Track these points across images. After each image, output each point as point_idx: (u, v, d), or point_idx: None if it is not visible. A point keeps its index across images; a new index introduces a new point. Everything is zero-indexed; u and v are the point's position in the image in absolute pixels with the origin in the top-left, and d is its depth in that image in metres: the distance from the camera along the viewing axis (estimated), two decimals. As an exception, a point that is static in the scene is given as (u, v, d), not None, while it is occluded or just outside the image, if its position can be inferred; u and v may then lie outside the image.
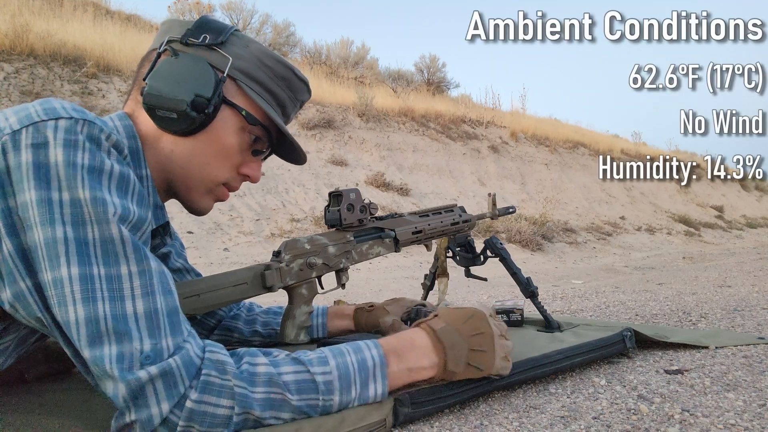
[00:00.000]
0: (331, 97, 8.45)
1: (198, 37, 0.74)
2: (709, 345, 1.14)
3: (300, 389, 0.64)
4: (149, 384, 0.56)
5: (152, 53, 0.76)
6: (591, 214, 8.89)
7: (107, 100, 5.79)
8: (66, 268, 0.56)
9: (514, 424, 0.74)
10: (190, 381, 0.58)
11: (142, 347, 0.57)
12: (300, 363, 0.66)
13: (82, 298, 0.56)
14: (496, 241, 1.25)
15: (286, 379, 0.63)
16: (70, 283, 0.56)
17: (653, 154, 12.60)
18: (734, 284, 2.54)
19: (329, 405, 0.66)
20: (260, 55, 0.78)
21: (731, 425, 0.71)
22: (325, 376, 0.66)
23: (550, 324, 1.18)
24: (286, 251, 0.92)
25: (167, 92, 0.70)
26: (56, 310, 0.57)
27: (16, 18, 5.70)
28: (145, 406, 0.57)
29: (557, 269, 4.77)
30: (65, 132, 0.58)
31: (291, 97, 0.83)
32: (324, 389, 0.65)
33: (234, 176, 0.81)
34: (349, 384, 0.67)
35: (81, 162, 0.58)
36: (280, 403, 0.63)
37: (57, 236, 0.56)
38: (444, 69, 12.72)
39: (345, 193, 0.98)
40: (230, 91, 0.76)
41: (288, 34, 11.27)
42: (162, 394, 0.57)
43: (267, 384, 0.62)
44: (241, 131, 0.77)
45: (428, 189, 7.62)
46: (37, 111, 0.59)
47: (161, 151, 0.75)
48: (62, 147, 0.57)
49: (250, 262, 4.14)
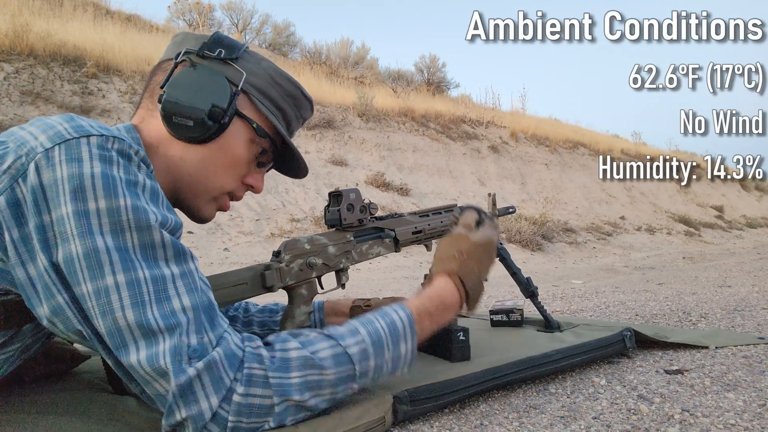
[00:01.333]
0: (331, 97, 8.45)
1: (213, 51, 0.77)
2: (709, 345, 1.14)
3: (337, 363, 0.66)
4: (197, 379, 0.58)
5: (166, 63, 0.79)
6: (591, 214, 8.89)
7: (107, 100, 5.79)
8: (111, 276, 0.57)
9: (514, 424, 0.74)
10: (234, 374, 0.60)
11: (189, 341, 0.59)
12: (332, 338, 0.68)
13: (131, 303, 0.57)
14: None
15: (321, 356, 0.65)
16: (117, 291, 0.57)
17: (653, 154, 12.60)
18: (734, 284, 2.54)
19: (365, 371, 0.68)
20: (272, 73, 0.82)
21: (731, 425, 0.71)
22: (358, 346, 0.68)
23: (550, 324, 1.18)
24: (286, 251, 0.92)
25: (185, 101, 0.73)
26: (99, 320, 0.58)
27: (16, 18, 5.70)
28: (194, 402, 0.58)
29: (557, 269, 4.77)
30: (98, 148, 0.60)
31: (297, 115, 0.87)
32: (359, 358, 0.68)
33: (239, 186, 0.83)
34: (381, 347, 0.70)
35: (117, 175, 0.60)
36: (317, 382, 0.64)
37: (98, 246, 0.57)
38: (444, 69, 12.75)
39: (345, 193, 0.98)
40: (242, 104, 0.79)
41: (288, 34, 11.28)
42: (209, 388, 0.58)
43: (302, 367, 0.64)
44: (251, 143, 0.80)
45: (428, 189, 7.62)
46: (66, 129, 0.61)
47: (171, 158, 0.77)
48: (98, 161, 0.59)
49: (250, 262, 4.14)
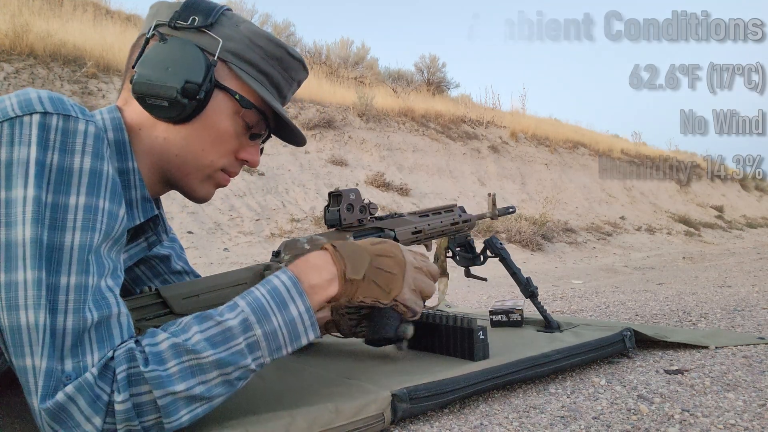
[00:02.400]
0: (331, 97, 8.45)
1: (186, 20, 0.71)
2: (709, 345, 1.14)
3: (214, 343, 0.60)
4: (70, 404, 0.54)
5: (141, 39, 0.74)
6: (591, 214, 8.89)
7: (107, 100, 5.79)
8: (21, 271, 0.54)
9: (514, 424, 0.73)
10: (110, 385, 0.55)
11: (64, 367, 0.55)
12: (207, 318, 0.62)
13: (30, 305, 0.54)
14: (496, 241, 1.25)
15: (194, 340, 0.59)
16: (25, 288, 0.54)
17: (653, 154, 12.60)
18: (734, 284, 2.54)
19: (253, 341, 0.62)
20: (251, 35, 0.75)
21: (731, 425, 0.71)
22: (237, 318, 0.62)
23: (549, 324, 1.18)
24: (286, 251, 0.92)
25: (156, 79, 0.68)
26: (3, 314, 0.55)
27: (16, 18, 5.70)
28: (76, 426, 0.54)
29: (557, 269, 4.77)
30: (39, 128, 0.57)
31: (286, 77, 0.80)
32: (241, 329, 0.62)
33: (232, 161, 0.79)
34: (266, 313, 0.64)
35: (50, 161, 0.57)
36: (198, 367, 0.59)
37: (21, 238, 0.55)
38: (444, 69, 12.73)
39: (345, 193, 0.98)
40: (222, 74, 0.73)
41: (288, 34, 11.27)
42: (88, 410, 0.54)
43: (175, 356, 0.58)
44: (236, 115, 0.76)
45: (428, 189, 7.62)
46: (12, 105, 0.58)
47: (155, 139, 0.73)
48: (35, 145, 0.56)
49: (250, 262, 4.14)
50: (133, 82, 0.69)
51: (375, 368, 0.88)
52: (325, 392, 0.75)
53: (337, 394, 0.73)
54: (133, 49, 0.76)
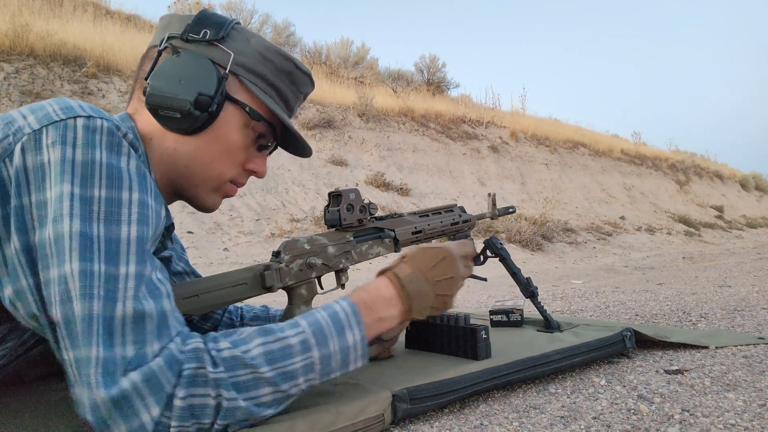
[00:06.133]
0: (331, 97, 8.44)
1: (198, 33, 0.73)
2: (709, 345, 1.14)
3: (271, 359, 0.61)
4: (134, 392, 0.54)
5: (152, 50, 0.76)
6: (591, 214, 8.88)
7: (107, 100, 5.79)
8: (68, 264, 0.55)
9: (514, 424, 0.73)
10: (176, 379, 0.56)
11: (125, 353, 0.55)
12: (269, 333, 0.63)
13: (80, 295, 0.55)
14: (496, 241, 1.25)
15: (253, 354, 0.61)
16: (74, 279, 0.55)
17: (653, 154, 12.60)
18: (734, 284, 2.54)
19: (309, 363, 0.64)
20: (262, 49, 0.77)
21: (731, 425, 0.71)
22: (299, 336, 0.64)
23: (550, 324, 1.18)
24: (286, 251, 0.92)
25: (170, 92, 0.70)
26: (57, 308, 0.55)
27: (16, 18, 5.70)
28: (134, 415, 0.54)
29: (557, 269, 4.77)
30: (84, 130, 0.59)
31: (294, 91, 0.83)
32: (300, 349, 0.63)
33: (240, 172, 0.81)
34: (324, 337, 0.66)
35: (99, 160, 0.59)
36: (253, 382, 0.60)
37: (69, 231, 0.56)
38: (444, 69, 12.72)
39: (344, 193, 0.98)
40: (233, 87, 0.75)
41: (288, 34, 11.26)
42: (150, 399, 0.54)
43: (230, 369, 0.59)
44: (245, 128, 0.77)
45: (428, 189, 7.62)
46: (55, 110, 0.60)
47: (165, 150, 0.74)
48: (84, 146, 0.58)
49: (250, 262, 4.14)
50: (147, 93, 0.70)
51: (375, 368, 0.88)
52: (326, 393, 0.75)
53: (337, 395, 0.73)
54: (144, 60, 0.77)
